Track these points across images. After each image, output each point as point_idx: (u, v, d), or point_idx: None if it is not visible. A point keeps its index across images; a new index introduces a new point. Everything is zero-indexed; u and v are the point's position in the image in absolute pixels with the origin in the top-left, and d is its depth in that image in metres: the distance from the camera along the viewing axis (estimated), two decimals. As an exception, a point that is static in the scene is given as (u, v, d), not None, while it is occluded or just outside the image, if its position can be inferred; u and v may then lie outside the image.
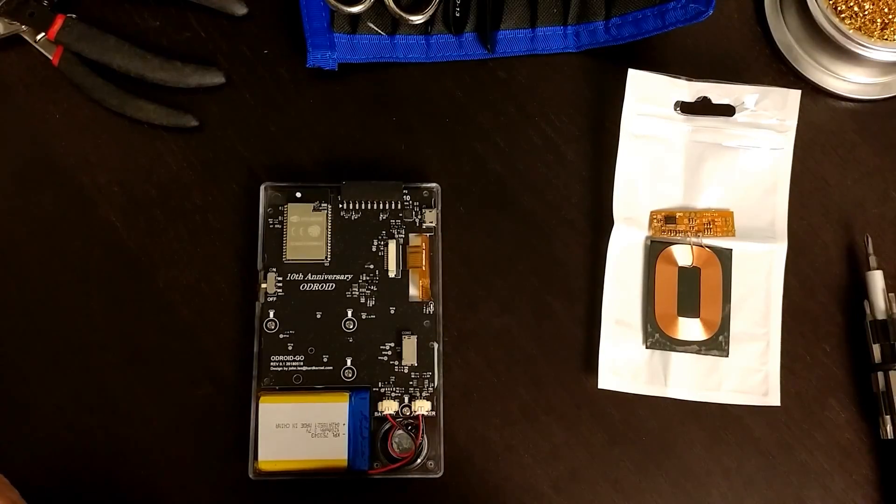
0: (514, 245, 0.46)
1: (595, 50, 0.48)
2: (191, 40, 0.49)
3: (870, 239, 0.46)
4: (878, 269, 0.45)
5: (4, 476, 0.40)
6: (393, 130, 0.48)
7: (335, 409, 0.42)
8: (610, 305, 0.45)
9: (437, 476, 0.43)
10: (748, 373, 0.44)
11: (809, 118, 0.48)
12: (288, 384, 0.43)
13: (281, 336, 0.44)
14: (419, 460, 0.43)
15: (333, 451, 0.41)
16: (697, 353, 0.45)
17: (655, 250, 0.45)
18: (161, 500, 0.43)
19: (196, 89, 0.47)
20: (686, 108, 0.46)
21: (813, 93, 0.48)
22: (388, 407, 0.43)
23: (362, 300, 0.44)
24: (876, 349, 0.44)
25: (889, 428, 0.43)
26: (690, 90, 0.46)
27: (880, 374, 0.44)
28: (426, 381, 0.43)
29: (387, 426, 0.43)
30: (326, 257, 0.45)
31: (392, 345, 0.44)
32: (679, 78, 0.46)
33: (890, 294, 0.45)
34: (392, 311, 0.44)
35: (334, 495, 0.43)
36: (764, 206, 0.46)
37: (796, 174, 0.46)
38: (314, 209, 0.45)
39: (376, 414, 0.43)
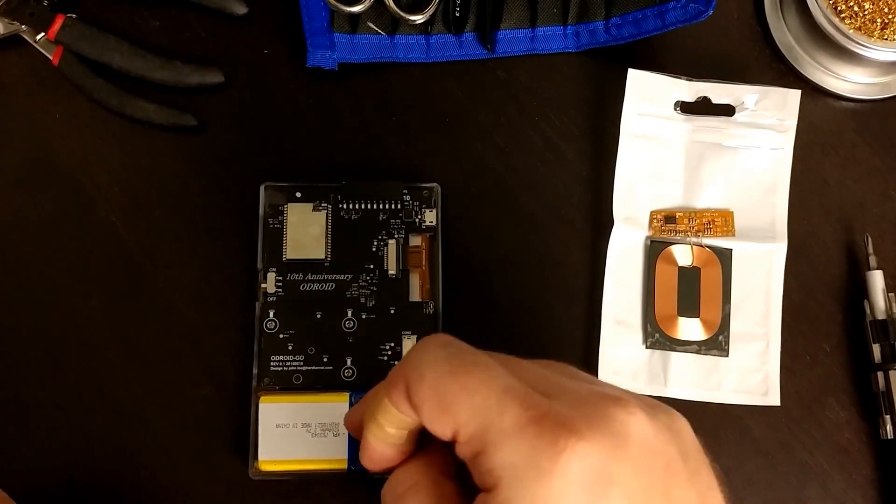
0: (514, 245, 0.46)
1: (595, 50, 0.48)
2: (191, 40, 0.49)
3: (870, 239, 0.46)
4: (878, 268, 0.45)
5: (2, 477, 0.40)
6: (393, 130, 0.48)
7: (335, 409, 0.42)
8: (610, 305, 0.45)
9: (437, 476, 0.43)
10: (748, 373, 0.44)
11: (809, 118, 0.48)
12: (288, 384, 0.43)
13: (281, 336, 0.44)
14: (419, 460, 0.43)
15: (333, 451, 0.41)
16: (697, 353, 0.45)
17: (655, 250, 0.45)
18: (161, 500, 0.43)
19: (196, 89, 0.47)
20: (686, 107, 0.46)
21: (813, 93, 0.48)
22: (388, 407, 0.43)
23: (362, 300, 0.44)
24: (876, 349, 0.44)
25: (889, 428, 0.43)
26: (690, 90, 0.46)
27: (880, 374, 0.44)
28: (426, 381, 0.43)
29: (387, 426, 0.43)
30: (326, 257, 0.45)
31: (392, 345, 0.44)
32: (679, 78, 0.46)
33: (890, 294, 0.45)
34: (392, 311, 0.44)
35: (334, 495, 0.43)
36: (764, 206, 0.46)
37: (796, 174, 0.46)
38: (314, 209, 0.45)
39: (376, 414, 0.43)
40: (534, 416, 0.26)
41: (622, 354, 0.44)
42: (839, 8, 0.47)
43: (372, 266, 0.45)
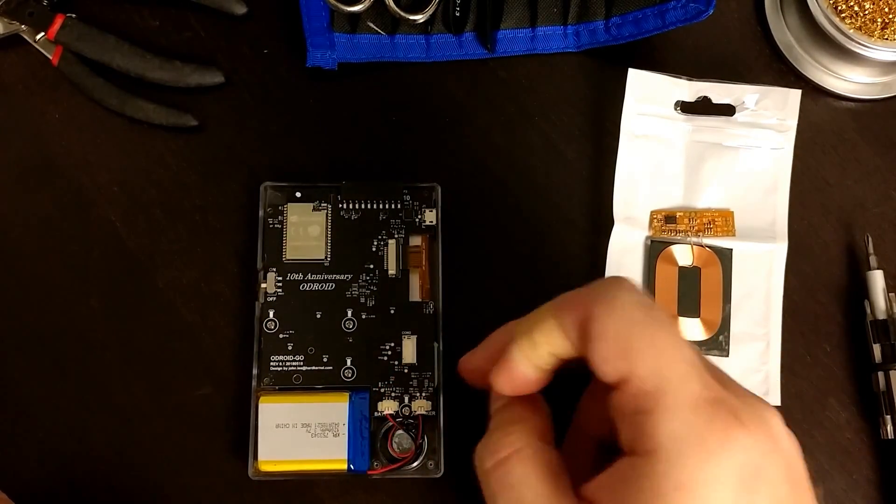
0: (515, 245, 0.46)
1: (595, 50, 0.48)
2: (191, 40, 0.49)
3: (870, 239, 0.46)
4: (878, 268, 0.45)
5: (2, 477, 0.40)
6: (393, 130, 0.48)
7: (335, 409, 0.42)
8: (610, 305, 0.45)
9: (437, 476, 0.43)
10: (748, 373, 0.44)
11: (810, 118, 0.48)
12: (288, 384, 0.43)
13: (281, 336, 0.44)
14: (419, 460, 0.43)
15: (333, 451, 0.41)
16: (698, 353, 0.44)
17: (655, 250, 0.45)
18: (161, 500, 0.43)
19: (196, 89, 0.47)
20: (686, 107, 0.46)
21: (813, 92, 0.48)
22: (388, 407, 0.43)
23: (362, 300, 0.44)
24: (876, 349, 0.44)
25: (889, 428, 0.43)
26: (691, 90, 0.46)
27: (881, 374, 0.44)
28: (426, 381, 0.43)
29: (387, 426, 0.43)
30: (326, 257, 0.45)
31: (392, 345, 0.44)
32: (679, 77, 0.46)
33: (890, 294, 0.45)
34: (392, 311, 0.44)
35: (334, 496, 0.43)
36: (764, 206, 0.46)
37: (797, 174, 0.46)
38: (314, 209, 0.45)
39: (376, 414, 0.43)
40: (711, 397, 0.27)
41: (622, 354, 0.44)
42: (839, 7, 0.47)
43: (372, 266, 0.45)
